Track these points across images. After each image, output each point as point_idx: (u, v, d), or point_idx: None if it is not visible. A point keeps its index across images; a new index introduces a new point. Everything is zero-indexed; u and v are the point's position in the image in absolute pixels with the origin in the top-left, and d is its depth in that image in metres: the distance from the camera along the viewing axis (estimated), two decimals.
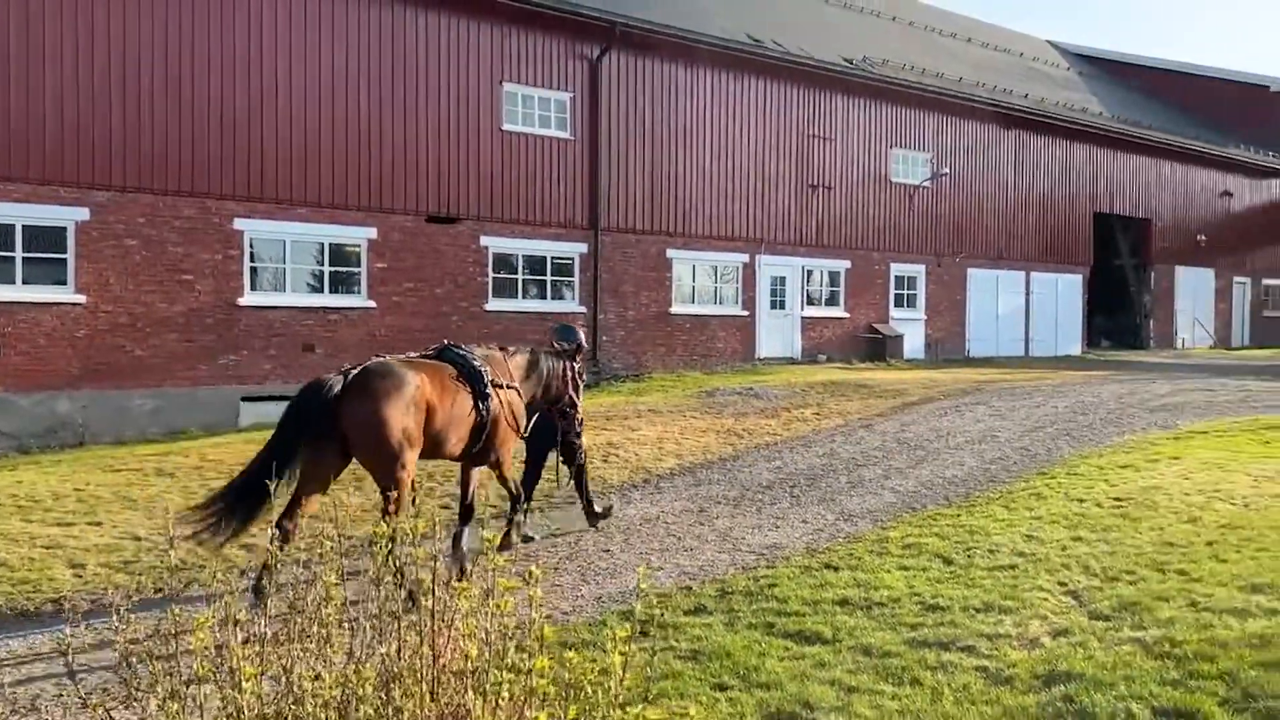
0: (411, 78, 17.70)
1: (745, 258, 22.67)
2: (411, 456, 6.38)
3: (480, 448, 7.15)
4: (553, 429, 8.43)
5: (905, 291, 26.10)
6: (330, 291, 17.23)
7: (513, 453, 7.85)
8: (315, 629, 3.19)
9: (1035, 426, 13.61)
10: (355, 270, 17.44)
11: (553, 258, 19.75)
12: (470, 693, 2.65)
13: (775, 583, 6.72)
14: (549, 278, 19.79)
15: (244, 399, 16.15)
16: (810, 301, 24.15)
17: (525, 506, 8.26)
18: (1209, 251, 35.05)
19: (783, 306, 23.52)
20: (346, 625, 3.31)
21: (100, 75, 14.85)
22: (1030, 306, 29.32)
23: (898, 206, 25.67)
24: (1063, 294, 30.33)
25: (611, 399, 16.93)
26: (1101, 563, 6.82)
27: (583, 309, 19.94)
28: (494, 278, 18.95)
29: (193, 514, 6.09)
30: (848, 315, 24.65)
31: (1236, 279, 36.86)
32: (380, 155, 17.41)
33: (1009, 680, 4.81)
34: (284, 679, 2.84)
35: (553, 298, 19.86)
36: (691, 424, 14.20)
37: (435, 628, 2.84)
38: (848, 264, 24.66)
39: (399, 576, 3.59)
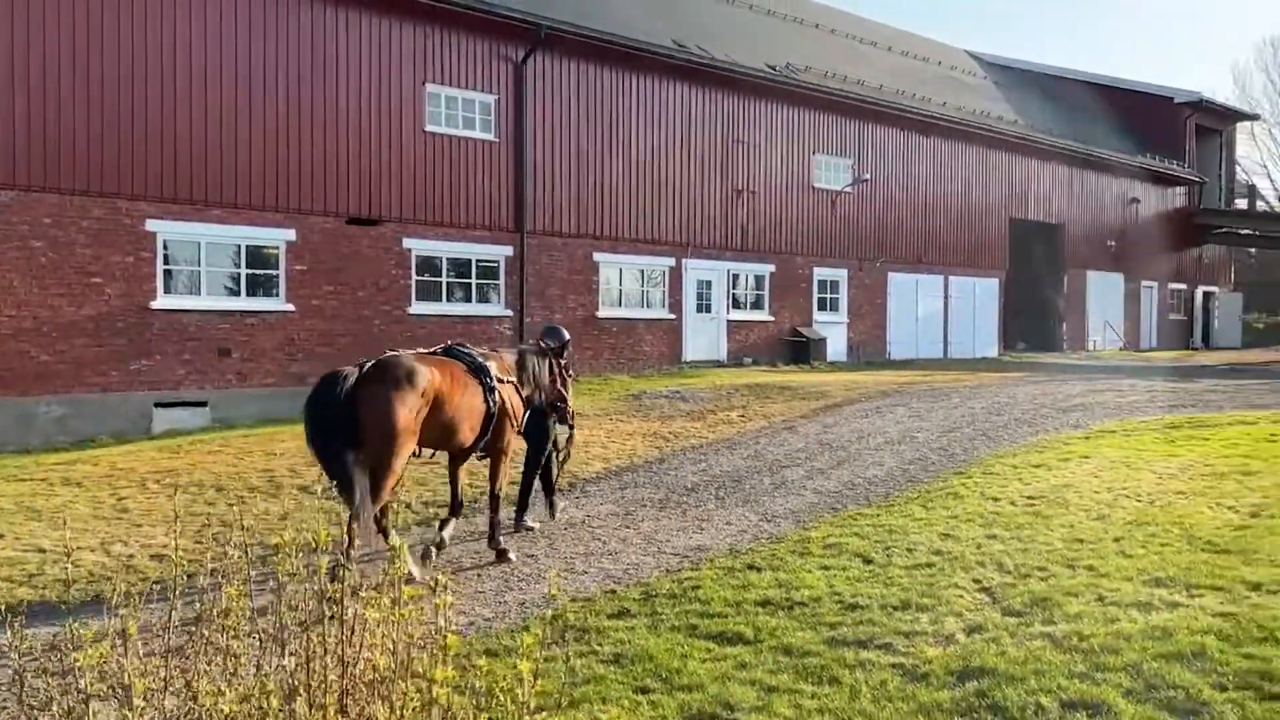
0: (331, 77, 17.40)
1: (672, 261, 22.78)
2: (408, 448, 6.90)
3: (488, 440, 7.74)
4: (545, 429, 8.92)
5: (828, 295, 26.50)
6: (247, 294, 16.83)
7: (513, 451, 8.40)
8: (224, 641, 3.10)
9: (953, 427, 13.91)
10: (273, 273, 17.06)
11: (478, 260, 19.59)
12: (379, 702, 2.60)
13: (699, 584, 6.75)
14: (474, 280, 19.62)
15: (157, 405, 15.68)
16: (736, 305, 24.37)
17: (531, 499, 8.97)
18: (1119, 257, 36.31)
19: (709, 310, 23.68)
20: (255, 637, 3.22)
21: (3, 69, 14.29)
22: (949, 310, 30.02)
23: (821, 211, 26.06)
24: (980, 297, 31.11)
25: None
26: (1015, 560, 6.99)
27: (509, 312, 19.82)
28: (418, 280, 18.73)
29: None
30: (772, 319, 24.92)
31: (1144, 283, 38.25)
32: (299, 155, 17.08)
33: (924, 677, 4.90)
34: (185, 694, 2.75)
35: (478, 301, 19.70)
36: (618, 427, 14.19)
37: (344, 638, 2.78)
38: (772, 268, 24.94)
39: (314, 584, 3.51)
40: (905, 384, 19.37)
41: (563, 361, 8.86)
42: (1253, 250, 51.86)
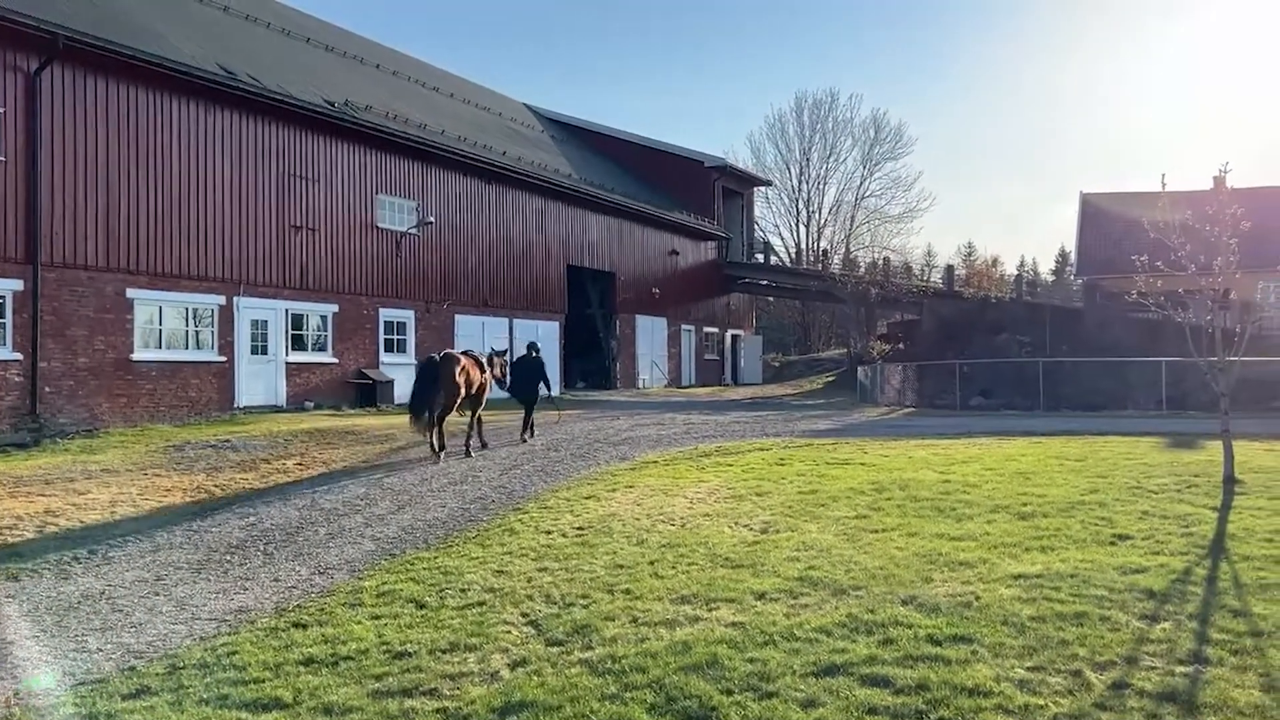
0: None
1: (222, 299, 21.20)
2: (461, 393, 14.82)
3: (475, 397, 15.59)
4: (534, 389, 17.19)
5: (395, 336, 26.23)
6: None
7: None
8: None
9: (514, 464, 14.30)
10: None
11: None
12: None
13: (236, 650, 6.22)
14: None
15: None
16: (296, 346, 23.24)
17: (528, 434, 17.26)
18: (662, 302, 39.98)
19: (265, 352, 22.35)
20: None
21: None
22: (514, 351, 31.01)
23: (386, 252, 25.78)
24: (542, 339, 32.47)
25: (56, 459, 14.74)
26: (562, 590, 7.26)
27: (18, 356, 17.17)
28: None
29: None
30: (336, 360, 24.11)
31: (684, 327, 42.43)
32: None
33: (466, 719, 4.89)
34: None
35: None
36: (154, 483, 12.83)
37: None
38: (335, 308, 24.17)
39: None
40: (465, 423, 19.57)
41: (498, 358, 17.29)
42: (770, 298, 60.00)
